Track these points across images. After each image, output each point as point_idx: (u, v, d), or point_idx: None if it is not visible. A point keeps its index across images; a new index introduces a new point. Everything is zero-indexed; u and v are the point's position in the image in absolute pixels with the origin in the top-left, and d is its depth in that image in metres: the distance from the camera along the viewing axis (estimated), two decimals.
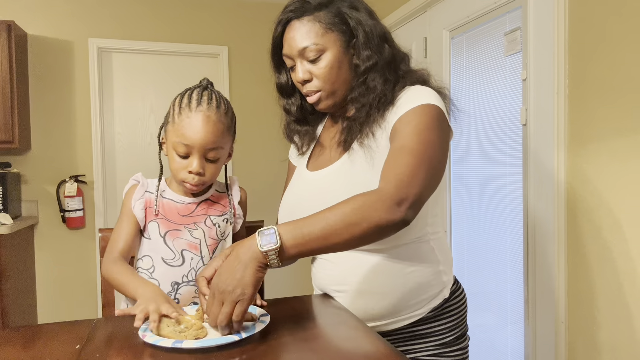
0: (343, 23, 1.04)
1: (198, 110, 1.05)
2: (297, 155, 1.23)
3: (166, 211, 1.13)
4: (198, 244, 1.12)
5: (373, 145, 1.03)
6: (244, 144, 3.69)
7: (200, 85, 1.12)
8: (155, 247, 1.11)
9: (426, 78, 1.10)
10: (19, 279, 2.92)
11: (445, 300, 1.09)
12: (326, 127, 1.21)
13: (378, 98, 1.03)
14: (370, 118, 1.04)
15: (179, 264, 1.10)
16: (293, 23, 1.05)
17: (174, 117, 1.07)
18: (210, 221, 1.15)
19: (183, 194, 1.16)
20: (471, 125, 2.15)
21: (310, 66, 1.04)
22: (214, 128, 1.06)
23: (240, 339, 0.83)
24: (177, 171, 1.09)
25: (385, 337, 1.07)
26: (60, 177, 3.27)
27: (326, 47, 1.03)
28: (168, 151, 1.10)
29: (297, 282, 3.63)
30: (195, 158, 1.06)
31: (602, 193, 1.49)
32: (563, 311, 1.63)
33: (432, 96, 1.01)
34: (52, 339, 0.90)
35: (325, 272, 1.11)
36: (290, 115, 1.20)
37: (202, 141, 1.05)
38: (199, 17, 3.59)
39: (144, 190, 1.14)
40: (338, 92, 1.06)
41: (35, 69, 3.24)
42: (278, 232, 0.83)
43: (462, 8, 2.18)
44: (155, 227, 1.12)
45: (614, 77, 1.45)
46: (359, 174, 1.02)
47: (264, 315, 0.93)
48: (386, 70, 1.05)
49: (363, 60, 1.03)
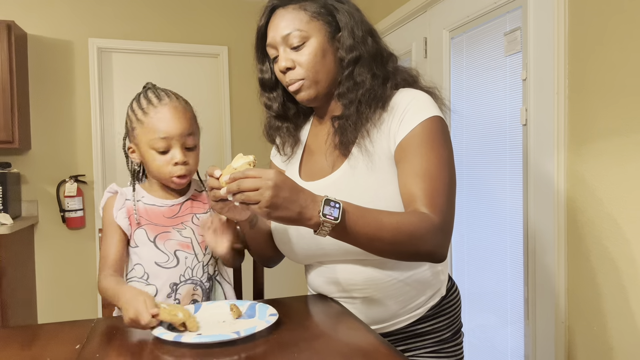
0: (328, 14, 1.03)
1: (163, 104, 1.08)
2: (281, 159, 1.19)
3: (150, 217, 1.12)
4: (190, 242, 1.12)
5: (370, 148, 1.01)
6: (244, 144, 3.69)
7: (149, 87, 1.14)
8: (146, 254, 1.10)
9: (415, 77, 1.09)
10: (19, 279, 2.92)
11: (442, 298, 1.09)
12: (313, 131, 1.17)
13: (368, 94, 1.01)
14: (363, 115, 1.01)
15: (174, 265, 1.10)
16: (278, 11, 1.04)
17: (139, 120, 1.08)
18: (197, 219, 1.15)
19: (164, 197, 1.15)
20: (471, 126, 2.15)
21: (294, 54, 1.02)
22: (184, 115, 1.09)
23: (239, 337, 0.83)
24: (161, 168, 1.08)
25: (385, 337, 1.07)
26: (60, 177, 3.27)
27: (310, 35, 1.01)
28: (144, 155, 1.10)
29: (296, 282, 3.63)
30: (176, 149, 1.07)
31: (602, 193, 1.49)
32: (563, 311, 1.63)
33: (433, 106, 1.01)
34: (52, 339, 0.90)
35: (324, 278, 1.09)
36: (271, 111, 1.16)
37: (179, 129, 1.06)
38: (199, 17, 3.59)
39: (123, 199, 1.13)
40: (321, 82, 1.03)
41: (35, 69, 3.24)
42: (342, 209, 0.83)
43: (462, 8, 2.18)
44: (142, 233, 1.10)
45: (614, 77, 1.45)
46: (361, 182, 1.00)
47: (272, 315, 0.93)
48: (373, 65, 1.03)
49: (347, 51, 1.01)
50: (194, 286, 1.12)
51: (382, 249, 0.90)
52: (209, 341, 0.82)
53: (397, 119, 1.00)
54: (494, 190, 2.04)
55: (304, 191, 0.83)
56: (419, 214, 0.90)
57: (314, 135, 1.16)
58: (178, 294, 1.10)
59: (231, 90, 3.67)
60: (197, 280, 1.12)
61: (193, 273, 1.11)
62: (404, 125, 0.98)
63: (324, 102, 1.09)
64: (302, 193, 0.83)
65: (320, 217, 0.82)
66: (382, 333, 1.06)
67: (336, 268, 1.05)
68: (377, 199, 0.97)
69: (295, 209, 0.81)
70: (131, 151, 1.13)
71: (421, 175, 0.94)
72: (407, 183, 0.95)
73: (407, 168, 0.96)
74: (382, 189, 0.98)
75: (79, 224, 3.28)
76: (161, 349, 0.82)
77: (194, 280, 1.12)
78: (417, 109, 0.99)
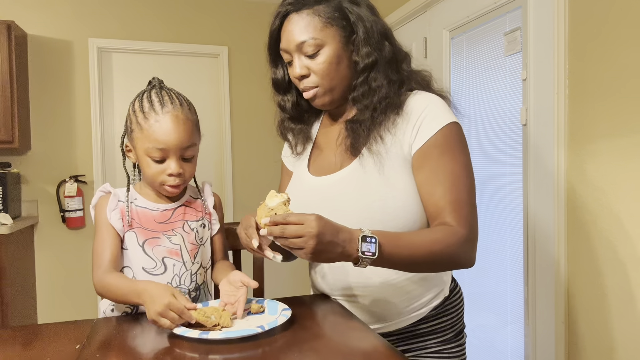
0: (343, 18, 1.01)
1: (165, 112, 1.02)
2: (292, 156, 1.19)
3: (142, 220, 1.09)
4: (179, 250, 1.09)
5: (382, 151, 1.00)
6: (244, 144, 3.69)
7: (154, 86, 1.09)
8: (134, 258, 1.07)
9: (429, 80, 1.09)
10: (19, 279, 2.92)
11: (445, 299, 1.09)
12: (323, 128, 1.17)
13: (384, 101, 1.00)
14: (376, 121, 1.01)
15: (161, 272, 1.07)
16: (292, 16, 1.01)
17: (139, 123, 1.04)
18: (188, 226, 1.12)
19: (157, 201, 1.12)
20: (471, 125, 2.15)
21: (308, 61, 1.01)
22: (184, 127, 1.04)
23: (263, 331, 0.85)
24: (155, 176, 1.05)
25: (388, 336, 1.07)
26: (60, 177, 3.27)
27: (325, 42, 1.00)
28: (139, 158, 1.07)
29: (296, 282, 3.63)
30: (172, 160, 1.04)
31: (602, 193, 1.49)
32: (563, 311, 1.63)
33: (449, 112, 1.01)
34: (52, 339, 0.90)
35: (328, 278, 1.09)
36: (285, 112, 1.16)
37: (177, 142, 1.03)
38: (199, 17, 3.59)
39: (117, 200, 1.09)
40: (336, 88, 1.03)
41: (35, 69, 3.24)
42: (379, 243, 0.86)
43: (462, 8, 2.18)
44: (132, 237, 1.07)
45: (614, 77, 1.45)
46: (371, 182, 1.00)
47: (285, 310, 0.95)
48: (388, 70, 1.02)
49: (362, 57, 1.00)
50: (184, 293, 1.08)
51: (417, 269, 0.97)
52: (236, 336, 0.83)
53: (413, 125, 1.00)
54: (494, 190, 2.04)
55: (342, 230, 0.86)
56: (447, 229, 0.94)
57: (324, 133, 1.16)
58: None
59: (231, 90, 3.67)
60: (185, 289, 1.09)
61: (181, 281, 1.08)
62: (423, 132, 0.98)
63: (338, 104, 1.09)
64: (341, 232, 0.85)
65: (360, 255, 0.85)
66: (386, 332, 1.07)
67: (340, 266, 1.05)
68: (387, 197, 0.97)
69: (337, 250, 0.85)
70: (128, 150, 1.11)
71: (445, 186, 0.96)
72: (431, 193, 0.97)
73: (430, 177, 0.97)
74: (391, 188, 0.98)
75: (79, 224, 3.28)
76: (161, 349, 0.82)
77: (181, 289, 1.08)
78: (434, 116, 0.99)
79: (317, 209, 0.93)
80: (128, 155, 1.11)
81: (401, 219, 0.98)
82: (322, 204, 1.03)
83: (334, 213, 0.90)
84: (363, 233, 0.86)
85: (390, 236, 0.89)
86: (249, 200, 3.63)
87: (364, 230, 0.86)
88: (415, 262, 0.91)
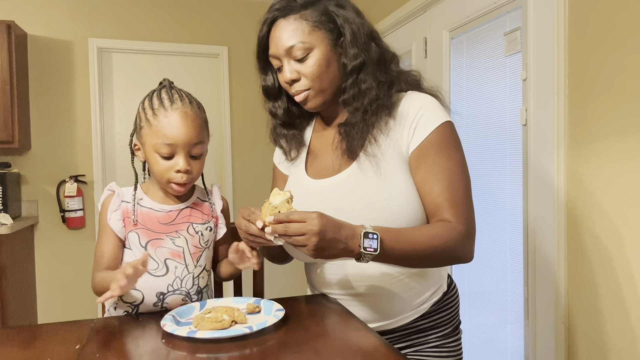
0: (330, 21, 1.02)
1: (174, 109, 1.04)
2: (286, 161, 1.20)
3: (146, 220, 1.09)
4: (181, 252, 1.09)
5: (378, 153, 1.02)
6: (244, 144, 3.69)
7: (164, 85, 1.10)
8: (136, 258, 1.06)
9: (419, 80, 1.10)
10: (19, 278, 2.92)
11: (444, 294, 1.11)
12: (316, 133, 1.18)
13: (374, 103, 1.02)
14: (369, 123, 1.02)
15: (163, 273, 1.07)
16: (279, 22, 1.03)
17: (148, 120, 1.05)
18: (193, 229, 1.11)
19: (163, 201, 1.12)
20: (471, 126, 2.15)
21: (298, 65, 1.02)
22: (193, 123, 1.05)
23: (251, 332, 0.85)
24: (163, 173, 1.06)
25: (389, 333, 1.08)
26: (60, 177, 3.27)
27: (313, 46, 1.01)
28: (148, 156, 1.07)
29: (296, 282, 3.63)
30: (180, 156, 1.05)
31: (602, 193, 1.49)
32: (563, 311, 1.63)
33: (442, 111, 1.03)
34: (52, 339, 0.90)
35: (327, 276, 1.10)
36: (276, 119, 1.17)
37: (186, 138, 1.04)
38: (199, 17, 3.59)
39: (120, 201, 1.10)
40: (327, 90, 1.04)
41: (35, 69, 3.24)
42: (380, 239, 0.88)
43: (462, 8, 2.18)
44: (135, 237, 1.08)
45: (614, 77, 1.45)
46: (372, 183, 1.01)
47: (279, 310, 0.95)
48: (377, 71, 1.03)
49: (350, 59, 1.02)
50: (182, 297, 1.08)
51: (417, 264, 0.99)
52: (222, 336, 0.83)
53: (410, 126, 1.01)
54: (494, 190, 2.04)
55: (344, 226, 0.88)
56: (446, 225, 0.96)
57: (318, 138, 1.17)
58: (165, 304, 1.08)
59: (231, 90, 3.67)
60: (186, 292, 1.09)
61: (182, 284, 1.08)
62: (419, 132, 1.01)
63: (329, 106, 1.10)
64: (343, 229, 0.87)
65: (362, 251, 0.87)
66: (387, 330, 1.08)
67: (346, 264, 1.06)
68: (390, 197, 0.99)
69: (339, 246, 0.86)
70: (136, 148, 1.11)
71: (442, 184, 0.98)
72: (429, 191, 0.99)
73: (427, 176, 0.99)
74: (393, 188, 1.00)
75: (79, 224, 3.28)
76: (161, 349, 0.82)
77: (182, 292, 1.08)
78: (429, 115, 1.01)
79: (321, 209, 0.93)
80: (136, 153, 1.12)
81: (405, 217, 0.99)
82: (326, 204, 1.03)
83: (339, 213, 0.91)
84: (365, 229, 0.88)
85: (391, 232, 0.91)
86: (249, 200, 3.63)
87: (365, 227, 0.88)
88: (415, 257, 0.93)
